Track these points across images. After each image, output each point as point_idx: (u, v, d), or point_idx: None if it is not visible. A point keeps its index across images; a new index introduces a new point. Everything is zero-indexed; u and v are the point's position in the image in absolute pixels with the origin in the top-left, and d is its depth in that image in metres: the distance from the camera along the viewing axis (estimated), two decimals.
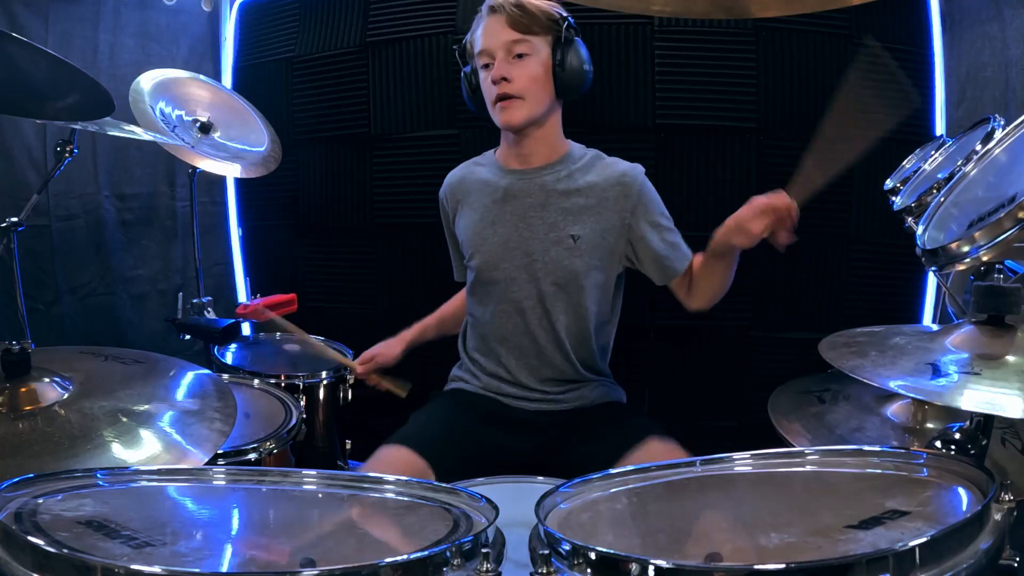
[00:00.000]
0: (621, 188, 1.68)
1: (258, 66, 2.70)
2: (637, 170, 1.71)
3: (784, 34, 2.17)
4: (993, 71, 2.07)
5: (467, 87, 1.76)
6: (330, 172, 2.61)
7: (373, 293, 2.59)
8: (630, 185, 1.69)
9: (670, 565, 0.73)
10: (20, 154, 2.30)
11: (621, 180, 1.69)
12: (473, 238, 1.75)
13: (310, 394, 1.94)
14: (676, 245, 1.71)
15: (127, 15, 2.52)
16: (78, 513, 0.86)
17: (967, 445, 1.03)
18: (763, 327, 2.30)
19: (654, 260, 1.70)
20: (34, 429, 1.11)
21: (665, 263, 1.70)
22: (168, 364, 1.39)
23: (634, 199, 1.68)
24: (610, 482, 1.00)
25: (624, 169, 1.71)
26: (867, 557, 0.70)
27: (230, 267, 2.86)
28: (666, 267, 1.70)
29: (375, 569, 0.74)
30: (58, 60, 1.40)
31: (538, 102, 1.66)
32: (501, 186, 1.74)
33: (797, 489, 0.98)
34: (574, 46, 1.66)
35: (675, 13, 1.95)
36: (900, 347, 1.12)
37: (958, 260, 1.09)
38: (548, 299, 1.70)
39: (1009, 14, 2.03)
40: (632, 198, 1.68)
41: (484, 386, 1.78)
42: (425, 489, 0.98)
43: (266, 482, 1.02)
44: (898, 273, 2.24)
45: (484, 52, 1.66)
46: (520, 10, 1.62)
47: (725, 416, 2.34)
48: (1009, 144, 1.26)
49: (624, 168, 1.71)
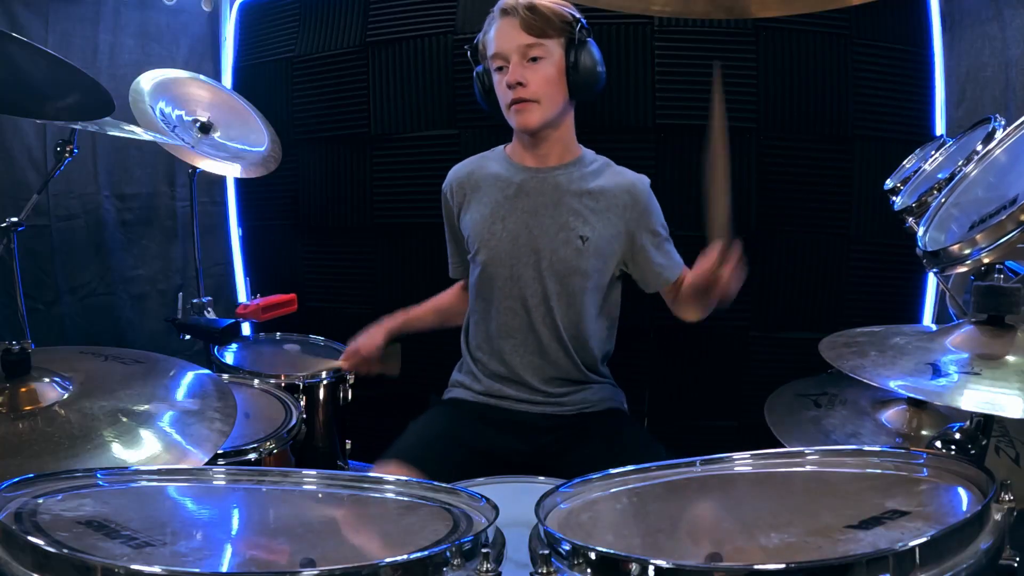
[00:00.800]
0: (630, 196, 1.72)
1: (258, 66, 2.70)
2: (644, 182, 1.76)
3: (784, 34, 2.18)
4: (993, 71, 2.07)
5: (480, 87, 1.76)
6: (330, 172, 2.61)
7: (373, 293, 2.59)
8: (637, 195, 1.72)
9: (670, 565, 0.72)
10: (20, 154, 2.30)
11: (630, 189, 1.73)
12: (481, 232, 1.75)
13: (310, 394, 1.94)
14: (671, 255, 1.75)
15: (127, 15, 2.52)
16: (78, 513, 0.85)
17: (967, 445, 1.03)
18: (763, 327, 2.31)
19: (650, 269, 1.73)
20: (34, 429, 1.11)
21: (659, 272, 1.73)
22: (168, 364, 1.39)
23: (640, 208, 1.72)
24: (610, 482, 1.00)
25: (632, 179, 1.75)
26: (867, 557, 0.70)
27: (230, 267, 2.86)
28: (659, 276, 1.73)
29: (375, 569, 0.73)
30: (58, 60, 1.40)
31: (553, 104, 1.67)
32: (514, 182, 1.75)
33: (797, 489, 0.98)
34: (587, 47, 1.66)
35: (675, 13, 1.95)
36: (900, 347, 1.11)
37: (959, 262, 1.09)
38: (552, 298, 1.70)
39: (1009, 14, 2.03)
40: (639, 207, 1.72)
41: (485, 389, 1.77)
42: (425, 489, 0.98)
43: (266, 482, 1.02)
44: (898, 273, 2.24)
45: (498, 55, 1.66)
46: (534, 13, 1.62)
47: (725, 416, 2.34)
48: (1009, 144, 1.26)
49: (632, 178, 1.75)
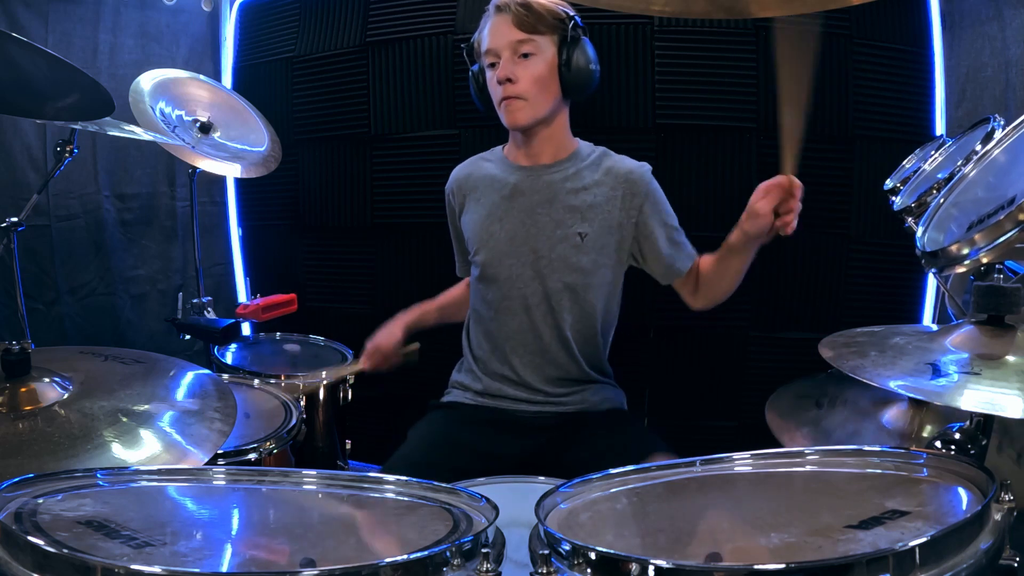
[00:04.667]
0: (628, 186, 1.69)
1: (258, 66, 2.70)
2: (644, 168, 1.72)
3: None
4: (993, 71, 2.08)
5: (475, 86, 1.76)
6: (330, 172, 2.61)
7: (373, 293, 2.59)
8: (637, 183, 1.69)
9: (670, 565, 0.72)
10: (20, 154, 2.31)
11: (628, 178, 1.70)
12: (479, 233, 1.75)
13: (310, 394, 1.94)
14: (681, 244, 1.72)
15: (127, 15, 2.53)
16: (78, 513, 0.85)
17: (967, 445, 1.03)
18: (763, 327, 2.31)
19: (659, 259, 1.71)
20: (34, 429, 1.11)
21: (670, 262, 1.70)
22: (168, 364, 1.39)
23: (641, 197, 1.69)
24: (610, 482, 1.00)
25: (631, 167, 1.72)
26: (867, 557, 0.70)
27: (230, 267, 2.86)
28: (670, 266, 1.70)
29: (375, 569, 0.73)
30: (58, 60, 1.40)
31: (543, 102, 1.66)
32: (509, 182, 1.75)
33: (797, 489, 0.98)
34: (580, 45, 1.65)
35: (675, 13, 1.95)
36: (900, 347, 1.11)
37: (958, 262, 1.09)
38: (554, 296, 1.70)
39: (1009, 14, 2.03)
40: (639, 196, 1.69)
41: (485, 388, 1.77)
42: (425, 489, 0.98)
43: (266, 482, 1.02)
44: (898, 273, 2.24)
45: (490, 51, 1.66)
46: (526, 9, 1.62)
47: (725, 416, 2.34)
48: (1009, 144, 1.26)
49: (631, 166, 1.72)
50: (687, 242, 1.73)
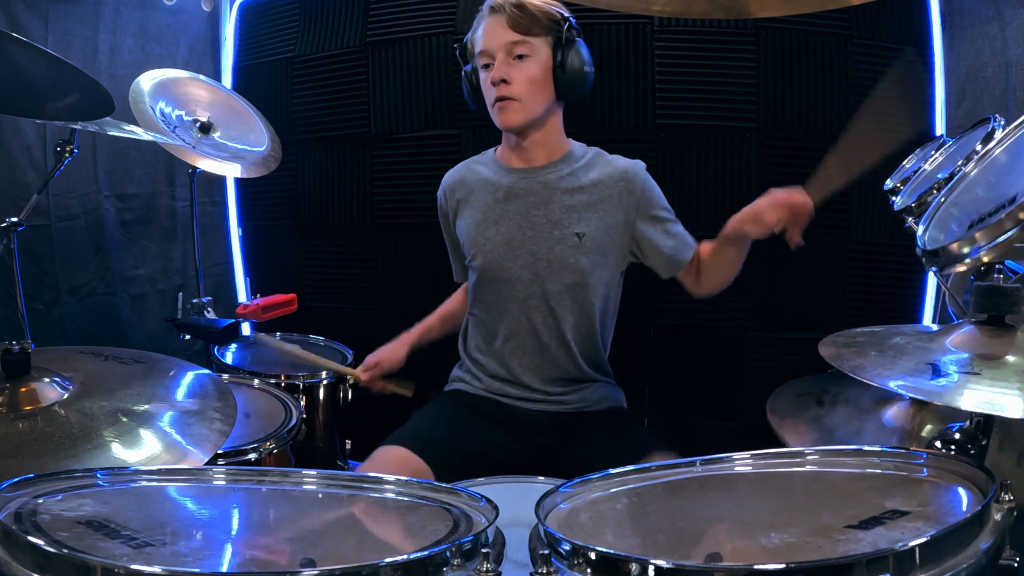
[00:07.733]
0: (624, 184, 1.69)
1: (258, 66, 2.70)
2: (638, 166, 1.72)
3: (784, 34, 2.17)
4: (993, 71, 2.07)
5: (468, 86, 1.76)
6: (330, 172, 2.61)
7: (373, 293, 2.59)
8: (632, 181, 1.70)
9: (670, 565, 0.72)
10: (20, 154, 2.30)
11: (624, 176, 1.70)
12: (475, 238, 1.75)
13: (310, 394, 1.94)
14: (679, 236, 1.73)
15: (127, 15, 2.52)
16: (78, 513, 0.85)
17: (967, 445, 1.03)
18: (763, 327, 2.30)
19: (660, 254, 1.71)
20: (34, 429, 1.11)
21: (671, 255, 1.71)
22: (168, 364, 1.39)
23: (637, 195, 1.69)
24: (610, 482, 1.00)
25: (626, 166, 1.72)
26: (867, 557, 0.70)
27: (230, 267, 2.86)
28: (672, 259, 1.71)
29: (375, 569, 0.73)
30: (58, 60, 1.40)
31: (536, 104, 1.66)
32: (503, 185, 1.74)
33: (797, 489, 0.98)
34: (575, 47, 1.65)
35: (675, 13, 1.95)
36: (900, 347, 1.11)
37: (958, 261, 1.09)
38: (553, 298, 1.70)
39: (1009, 14, 2.03)
40: (635, 194, 1.69)
41: (486, 387, 1.77)
42: (425, 489, 0.98)
43: (266, 482, 1.02)
44: (898, 273, 2.24)
45: (484, 52, 1.66)
46: (520, 11, 1.62)
47: (725, 416, 2.34)
48: (1009, 144, 1.25)
49: (626, 164, 1.72)
50: (685, 232, 1.74)
